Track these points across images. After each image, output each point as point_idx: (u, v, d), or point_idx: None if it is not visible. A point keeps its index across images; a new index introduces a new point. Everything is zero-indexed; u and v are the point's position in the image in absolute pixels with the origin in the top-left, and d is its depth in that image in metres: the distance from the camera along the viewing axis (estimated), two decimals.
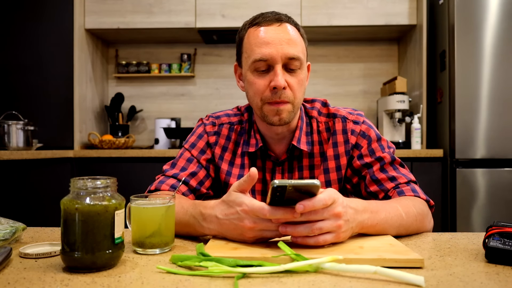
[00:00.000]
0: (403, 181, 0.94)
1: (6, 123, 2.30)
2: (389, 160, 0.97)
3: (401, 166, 0.99)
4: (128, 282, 0.55)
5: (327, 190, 0.67)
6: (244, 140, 1.06)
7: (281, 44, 0.91)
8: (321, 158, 1.03)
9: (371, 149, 0.99)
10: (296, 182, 0.63)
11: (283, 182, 0.62)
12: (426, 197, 0.92)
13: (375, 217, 0.74)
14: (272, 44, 0.91)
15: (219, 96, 3.17)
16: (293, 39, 0.93)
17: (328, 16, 2.70)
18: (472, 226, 2.32)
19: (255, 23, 0.97)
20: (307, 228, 0.66)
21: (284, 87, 0.92)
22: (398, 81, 2.63)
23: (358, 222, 0.71)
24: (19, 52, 2.67)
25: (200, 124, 1.10)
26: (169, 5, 2.76)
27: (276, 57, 0.91)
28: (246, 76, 0.97)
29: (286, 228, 0.66)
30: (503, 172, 2.32)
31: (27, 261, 0.64)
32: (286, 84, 0.92)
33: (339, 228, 0.67)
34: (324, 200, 0.65)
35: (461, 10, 2.36)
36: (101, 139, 2.70)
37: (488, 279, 0.56)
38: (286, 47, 0.91)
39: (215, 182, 1.08)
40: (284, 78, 0.92)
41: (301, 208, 0.64)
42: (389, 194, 0.94)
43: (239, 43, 1.00)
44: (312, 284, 0.54)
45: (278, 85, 0.90)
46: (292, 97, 0.94)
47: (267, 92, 0.93)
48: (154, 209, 0.71)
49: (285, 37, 0.92)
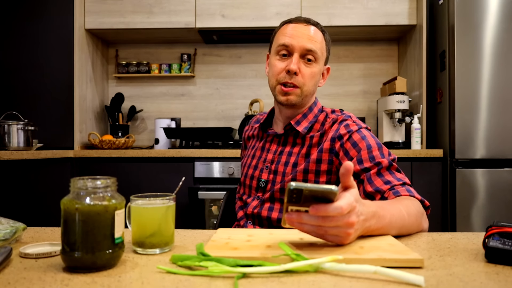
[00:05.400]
0: (398, 183, 0.97)
1: (6, 123, 2.30)
2: (386, 165, 1.00)
3: (397, 171, 1.01)
4: (128, 282, 0.55)
5: (348, 197, 0.65)
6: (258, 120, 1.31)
7: (302, 37, 1.09)
8: (318, 144, 1.12)
9: (372, 156, 1.02)
10: (312, 186, 0.62)
11: (300, 185, 0.62)
12: (421, 197, 0.94)
13: (381, 221, 0.74)
14: (295, 37, 1.10)
15: (219, 96, 3.17)
16: (314, 37, 1.11)
17: (328, 16, 2.70)
18: (472, 226, 2.32)
19: (288, 21, 1.15)
20: (313, 227, 0.66)
21: (296, 73, 1.09)
22: (398, 81, 2.63)
23: (364, 228, 0.71)
24: (19, 52, 2.67)
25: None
26: (169, 5, 2.76)
27: (295, 46, 1.09)
28: (271, 60, 1.16)
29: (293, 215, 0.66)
30: (503, 172, 2.32)
31: (27, 261, 0.64)
32: (299, 71, 1.09)
33: (347, 235, 0.66)
34: (341, 209, 0.63)
35: (461, 10, 2.36)
36: (101, 139, 2.70)
37: (488, 279, 0.56)
38: (306, 41, 1.09)
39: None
40: (299, 66, 1.09)
41: (313, 212, 0.63)
42: (385, 195, 0.96)
43: (273, 35, 1.19)
44: (312, 284, 0.54)
45: (291, 69, 1.08)
46: (302, 83, 1.10)
47: (282, 74, 1.10)
48: (154, 209, 0.71)
49: (307, 34, 1.10)
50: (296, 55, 1.09)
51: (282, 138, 1.18)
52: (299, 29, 1.10)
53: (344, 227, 0.65)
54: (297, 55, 1.09)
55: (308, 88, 1.11)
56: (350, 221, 0.65)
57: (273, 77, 1.13)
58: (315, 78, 1.12)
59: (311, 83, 1.12)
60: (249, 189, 1.20)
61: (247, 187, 1.21)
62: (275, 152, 1.17)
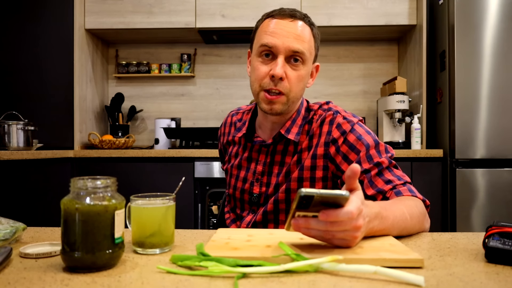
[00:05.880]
0: (400, 183, 0.95)
1: (6, 123, 2.30)
2: (386, 164, 0.97)
3: (395, 167, 0.99)
4: (128, 282, 0.55)
5: (355, 200, 0.64)
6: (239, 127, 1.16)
7: (287, 37, 0.96)
8: (308, 147, 1.04)
9: (369, 155, 0.98)
10: (323, 192, 0.61)
11: (310, 191, 0.61)
12: (423, 197, 0.93)
13: (384, 223, 0.74)
14: (279, 36, 0.96)
15: (219, 96, 3.17)
16: (301, 36, 0.98)
17: (328, 16, 2.69)
18: (472, 226, 2.32)
19: (271, 15, 1.02)
20: (320, 232, 0.65)
21: (282, 78, 0.96)
22: (398, 81, 2.63)
23: (368, 229, 0.70)
24: (19, 52, 2.67)
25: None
26: (169, 5, 2.76)
27: (280, 48, 0.96)
28: (252, 61, 1.02)
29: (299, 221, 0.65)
30: (503, 172, 2.32)
31: (27, 261, 0.64)
32: (285, 75, 0.97)
33: (354, 239, 0.66)
34: (351, 213, 0.62)
35: (461, 10, 2.36)
36: (101, 139, 2.70)
37: (488, 279, 0.56)
38: (292, 41, 0.96)
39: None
40: (284, 70, 0.97)
41: (324, 217, 0.63)
42: (387, 195, 0.94)
43: (254, 31, 1.06)
44: (312, 284, 0.54)
45: (276, 74, 0.95)
46: (288, 89, 0.98)
47: (266, 79, 0.98)
48: (154, 209, 0.71)
49: (294, 32, 0.97)
50: (281, 58, 0.96)
51: (271, 147, 1.08)
52: (284, 26, 0.97)
53: (352, 230, 0.65)
54: (282, 58, 0.96)
55: (295, 94, 0.99)
56: (357, 225, 0.65)
57: (256, 82, 1.00)
58: (303, 81, 1.00)
59: (298, 87, 1.00)
60: (241, 202, 1.13)
61: (238, 201, 1.14)
62: (265, 163, 1.08)
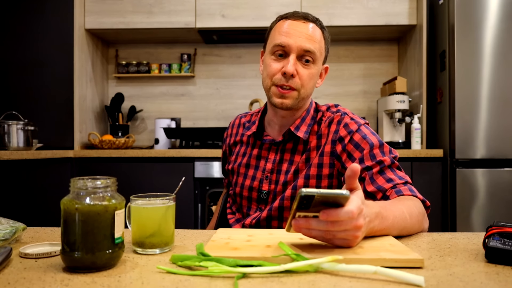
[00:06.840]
0: (401, 182, 0.96)
1: (6, 123, 2.30)
2: (388, 163, 0.99)
3: (398, 169, 1.00)
4: (128, 282, 0.55)
5: (356, 200, 0.65)
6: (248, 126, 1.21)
7: (300, 37, 1.02)
8: (317, 147, 1.08)
9: (372, 154, 1.00)
10: (323, 191, 0.61)
11: (311, 191, 0.61)
12: (423, 197, 0.94)
13: (384, 223, 0.74)
14: (292, 36, 1.02)
15: (219, 96, 3.17)
16: (312, 36, 1.04)
17: (328, 16, 2.69)
18: (472, 226, 2.32)
19: (285, 16, 1.08)
20: (321, 232, 0.65)
21: (293, 75, 1.02)
22: (398, 81, 2.63)
23: (368, 228, 0.71)
24: (19, 52, 2.67)
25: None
26: (169, 5, 2.76)
27: (292, 47, 1.02)
28: (265, 59, 1.08)
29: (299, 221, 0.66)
30: (503, 172, 2.32)
31: (27, 261, 0.64)
32: (296, 73, 1.02)
33: (355, 238, 0.66)
34: (352, 213, 0.63)
35: (461, 10, 2.36)
36: (101, 139, 2.70)
37: (488, 279, 0.56)
38: (304, 41, 1.02)
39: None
40: (296, 68, 1.02)
41: (324, 217, 0.63)
42: (387, 194, 0.95)
43: (268, 31, 1.11)
44: (312, 284, 0.54)
45: (288, 71, 1.01)
46: (299, 85, 1.03)
47: (278, 75, 1.03)
48: (154, 209, 0.71)
49: (306, 33, 1.03)
50: (293, 56, 1.02)
51: (281, 145, 1.11)
52: (297, 27, 1.03)
53: (352, 230, 0.65)
54: (294, 56, 1.02)
55: (305, 90, 1.04)
56: (358, 224, 0.65)
57: (268, 77, 1.05)
58: (313, 80, 1.06)
59: (309, 85, 1.05)
60: (248, 201, 1.14)
61: (245, 199, 1.14)
62: (274, 161, 1.11)
